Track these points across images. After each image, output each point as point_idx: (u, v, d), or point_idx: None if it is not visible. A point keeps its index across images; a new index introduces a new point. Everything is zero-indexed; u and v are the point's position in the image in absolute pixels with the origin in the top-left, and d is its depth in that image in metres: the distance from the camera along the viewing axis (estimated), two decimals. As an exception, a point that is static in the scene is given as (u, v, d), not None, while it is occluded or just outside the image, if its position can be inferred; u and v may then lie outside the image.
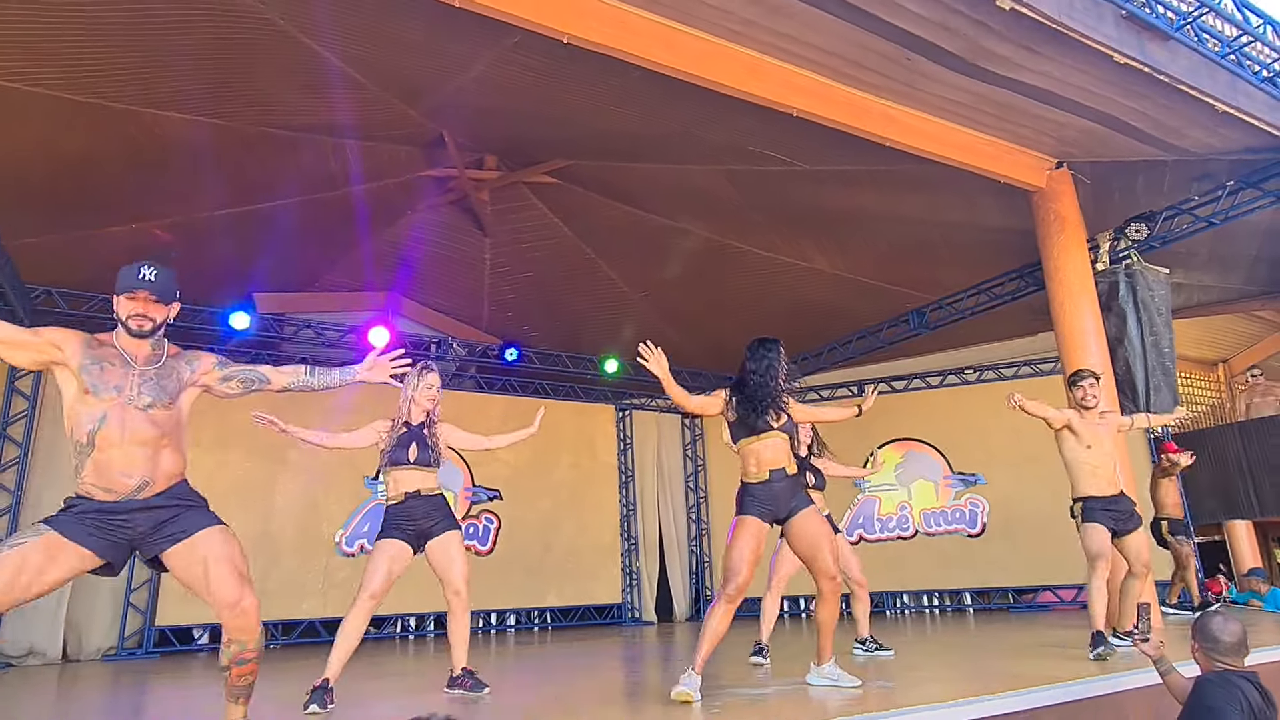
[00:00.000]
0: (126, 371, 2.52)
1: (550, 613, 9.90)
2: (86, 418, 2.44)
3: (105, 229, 7.21)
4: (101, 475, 2.44)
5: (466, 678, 3.85)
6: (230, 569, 2.52)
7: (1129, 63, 4.47)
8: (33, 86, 5.41)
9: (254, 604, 2.54)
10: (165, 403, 2.56)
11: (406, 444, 3.88)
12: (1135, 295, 6.36)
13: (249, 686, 2.64)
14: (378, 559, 3.74)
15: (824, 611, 3.54)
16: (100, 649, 7.40)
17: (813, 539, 3.48)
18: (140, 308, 2.57)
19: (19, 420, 7.32)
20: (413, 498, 3.83)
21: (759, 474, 3.51)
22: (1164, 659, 2.85)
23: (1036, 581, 9.42)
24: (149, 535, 2.49)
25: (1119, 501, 4.61)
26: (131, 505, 2.46)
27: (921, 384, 10.44)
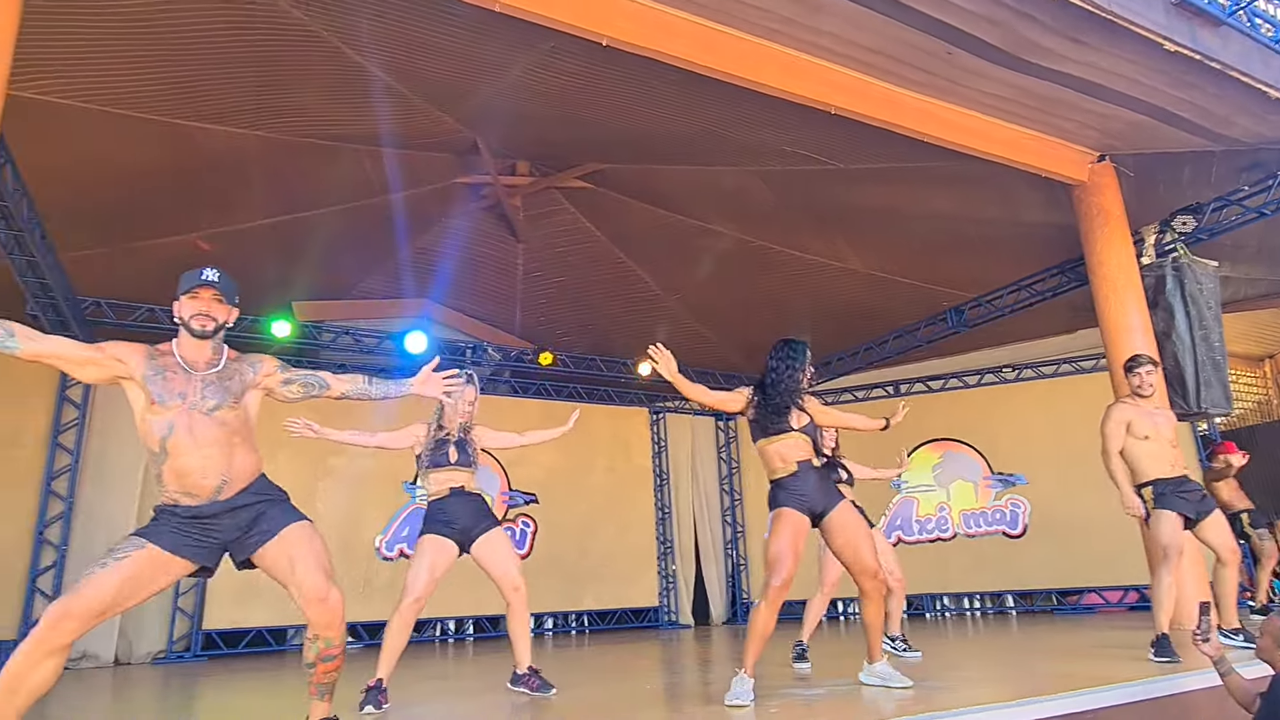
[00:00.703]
0: (189, 378, 2.56)
1: (587, 616, 9.91)
2: (156, 427, 2.49)
3: (151, 240, 7.37)
4: (180, 480, 2.49)
5: (532, 676, 3.81)
6: (316, 564, 2.54)
7: (1179, 50, 4.38)
8: (85, 103, 5.54)
9: (339, 599, 2.56)
10: (230, 404, 2.59)
11: (445, 446, 3.92)
12: (1183, 289, 6.22)
13: (333, 684, 2.66)
14: (420, 559, 3.75)
15: (869, 610, 3.48)
16: (150, 652, 7.54)
17: (851, 535, 3.44)
18: (204, 306, 2.60)
19: (70, 429, 7.49)
20: (457, 493, 3.86)
21: (786, 468, 3.47)
22: (1224, 659, 2.78)
23: (1081, 583, 9.23)
24: (238, 538, 2.54)
25: (1187, 483, 4.29)
26: (215, 508, 2.50)
27: (959, 383, 10.30)
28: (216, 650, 7.75)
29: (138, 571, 2.37)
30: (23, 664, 2.21)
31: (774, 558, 3.29)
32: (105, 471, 7.49)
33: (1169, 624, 4.10)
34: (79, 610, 2.25)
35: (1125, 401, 4.45)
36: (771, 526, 3.41)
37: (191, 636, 7.67)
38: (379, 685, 3.59)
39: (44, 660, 2.23)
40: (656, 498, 10.69)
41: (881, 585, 3.47)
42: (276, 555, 2.53)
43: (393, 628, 3.68)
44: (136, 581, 2.37)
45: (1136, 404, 4.39)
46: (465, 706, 3.89)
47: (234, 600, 7.76)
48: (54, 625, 2.22)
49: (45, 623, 2.23)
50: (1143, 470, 4.35)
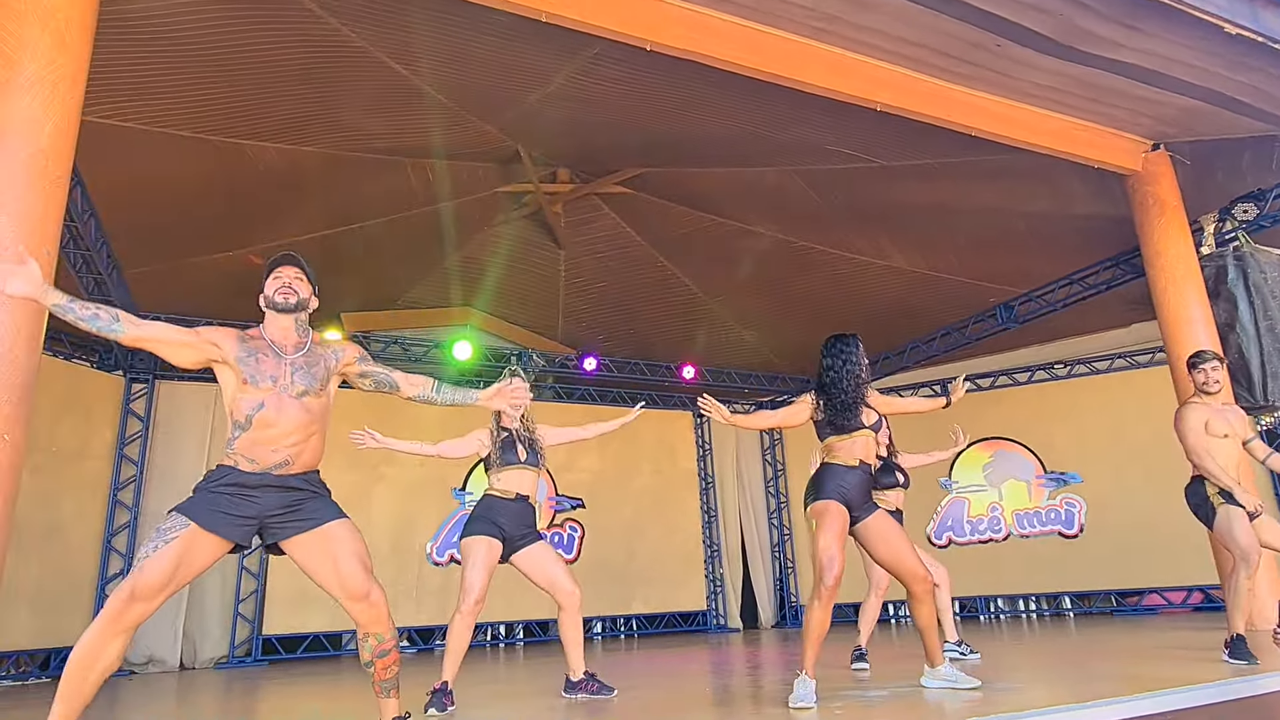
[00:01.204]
0: (279, 361, 2.65)
1: (636, 620, 9.92)
2: (246, 404, 2.58)
3: (206, 256, 7.59)
4: (252, 449, 2.56)
5: (590, 681, 3.81)
6: (359, 563, 2.58)
7: (1241, 32, 4.26)
8: (145, 125, 5.74)
9: (381, 596, 2.61)
10: (317, 389, 2.68)
11: (513, 445, 3.95)
12: (1246, 278, 6.03)
13: (395, 678, 2.68)
14: (475, 560, 3.72)
15: (921, 613, 3.43)
16: (212, 658, 7.74)
17: (893, 541, 3.42)
18: (286, 279, 2.72)
19: (134, 441, 7.73)
20: (522, 499, 3.89)
21: (849, 460, 3.44)
22: None
23: (1141, 584, 8.98)
24: (276, 517, 2.58)
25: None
26: (267, 480, 2.56)
27: (1009, 381, 10.11)
28: (276, 655, 7.93)
29: (187, 549, 2.44)
30: (96, 643, 2.32)
31: (824, 556, 3.25)
32: (169, 481, 7.72)
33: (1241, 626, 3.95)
34: (144, 591, 2.35)
35: (1195, 401, 4.29)
36: (818, 522, 3.36)
37: (252, 641, 7.86)
38: (444, 688, 3.63)
39: (113, 640, 2.34)
40: (702, 501, 10.67)
41: (929, 586, 3.43)
42: (314, 548, 2.58)
43: (456, 630, 3.70)
44: (188, 559, 2.44)
45: (1205, 402, 4.24)
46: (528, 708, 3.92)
47: (291, 606, 7.93)
48: (125, 608, 2.33)
49: (115, 605, 2.33)
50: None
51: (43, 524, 6.86)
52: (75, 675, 2.32)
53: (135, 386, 7.87)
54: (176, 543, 2.42)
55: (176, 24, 4.92)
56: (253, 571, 7.99)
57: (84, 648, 2.32)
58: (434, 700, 3.56)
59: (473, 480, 9.23)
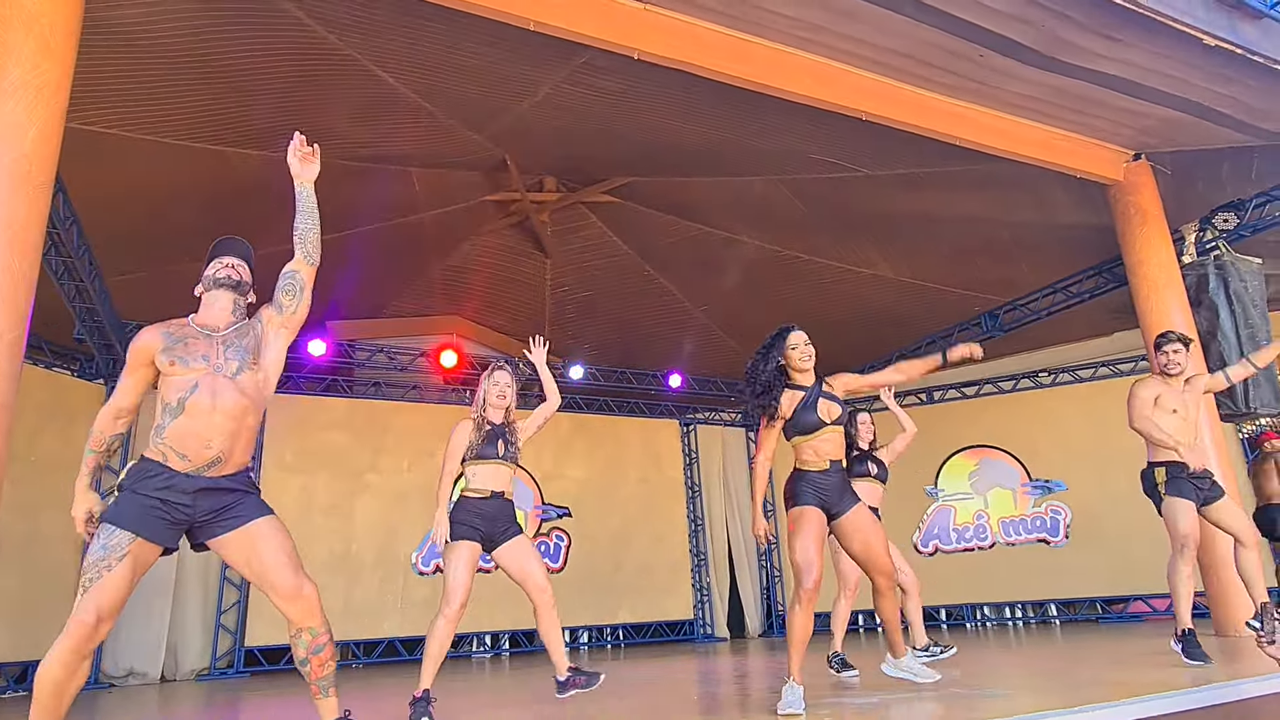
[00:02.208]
0: (210, 341, 2.60)
1: (623, 629, 9.88)
2: (178, 386, 2.52)
3: (189, 264, 7.50)
4: (182, 440, 2.48)
5: (576, 675, 3.70)
6: (286, 558, 2.54)
7: (1219, 44, 4.33)
8: (129, 132, 5.70)
9: (313, 590, 2.55)
10: (250, 363, 2.61)
11: (494, 440, 3.91)
12: (1227, 287, 6.11)
13: (332, 674, 2.61)
14: (457, 563, 3.65)
15: (886, 607, 3.50)
16: (194, 670, 7.64)
17: (867, 535, 3.44)
18: (230, 262, 2.76)
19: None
20: (497, 497, 3.85)
21: (818, 463, 3.44)
22: None
23: (1127, 591, 9.04)
24: (207, 520, 2.52)
25: (1203, 474, 4.23)
26: (200, 483, 2.49)
27: (994, 389, 10.17)
28: (259, 667, 7.83)
29: (137, 562, 2.40)
30: (67, 668, 2.29)
31: (802, 560, 3.27)
32: (149, 491, 7.61)
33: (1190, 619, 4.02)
34: (109, 611, 2.33)
35: (1154, 377, 4.37)
36: (794, 526, 3.38)
37: (235, 653, 7.76)
38: (426, 696, 3.56)
39: (81, 664, 2.31)
40: (689, 509, 10.66)
41: (894, 582, 3.48)
42: (241, 546, 2.53)
43: (437, 634, 3.60)
44: (139, 570, 2.41)
45: (1166, 382, 4.30)
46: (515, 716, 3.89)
47: (274, 617, 7.74)
48: (92, 632, 2.30)
49: (82, 631, 2.29)
50: (1162, 452, 4.24)
51: (22, 535, 6.74)
52: (49, 700, 2.28)
53: (102, 391, 7.77)
54: (129, 559, 2.38)
55: (161, 30, 4.89)
56: (235, 582, 7.90)
57: (53, 674, 2.28)
58: (417, 710, 3.51)
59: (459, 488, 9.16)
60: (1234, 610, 5.31)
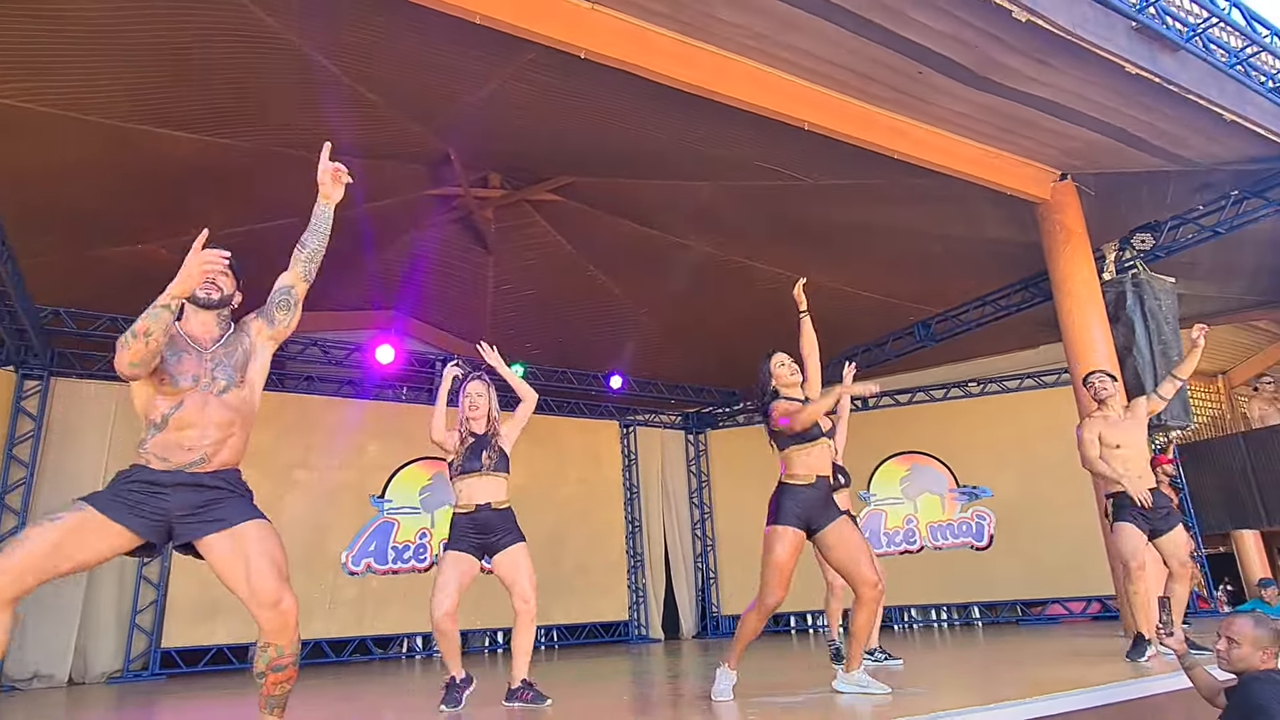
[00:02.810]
0: (199, 359, 2.53)
1: (557, 630, 9.82)
2: (164, 404, 2.46)
3: (112, 249, 7.21)
4: (165, 448, 2.44)
5: (526, 689, 3.82)
6: (272, 566, 2.43)
7: (1140, 73, 4.55)
8: (48, 107, 5.42)
9: (293, 605, 2.44)
10: (238, 381, 2.57)
11: (478, 452, 3.91)
12: (1143, 304, 6.41)
13: (285, 696, 2.53)
14: (448, 574, 3.78)
15: (862, 617, 3.52)
16: (105, 672, 7.30)
17: (850, 548, 3.49)
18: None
19: (25, 441, 7.26)
20: (484, 509, 3.85)
21: (806, 477, 3.51)
22: (1187, 654, 2.86)
23: (1045, 594, 9.40)
24: (187, 516, 2.43)
25: (1154, 497, 4.45)
26: (179, 478, 2.43)
27: (926, 397, 10.47)
28: (176, 669, 7.54)
29: (73, 533, 2.28)
30: None
31: (771, 579, 3.37)
32: (61, 484, 7.26)
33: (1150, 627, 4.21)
34: (10, 566, 2.19)
35: (1094, 416, 4.59)
36: (771, 545, 3.43)
37: (150, 655, 7.45)
38: (453, 681, 3.77)
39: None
40: (627, 511, 10.67)
41: (879, 593, 3.51)
42: (227, 549, 2.43)
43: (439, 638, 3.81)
44: (74, 543, 2.28)
45: (1103, 414, 4.53)
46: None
47: (194, 617, 7.56)
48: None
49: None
50: (1111, 483, 4.52)
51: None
52: None
53: (28, 383, 7.39)
54: (61, 524, 2.27)
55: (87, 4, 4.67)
56: (152, 581, 7.59)
57: None
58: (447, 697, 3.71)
59: (392, 487, 9.01)
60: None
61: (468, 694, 3.86)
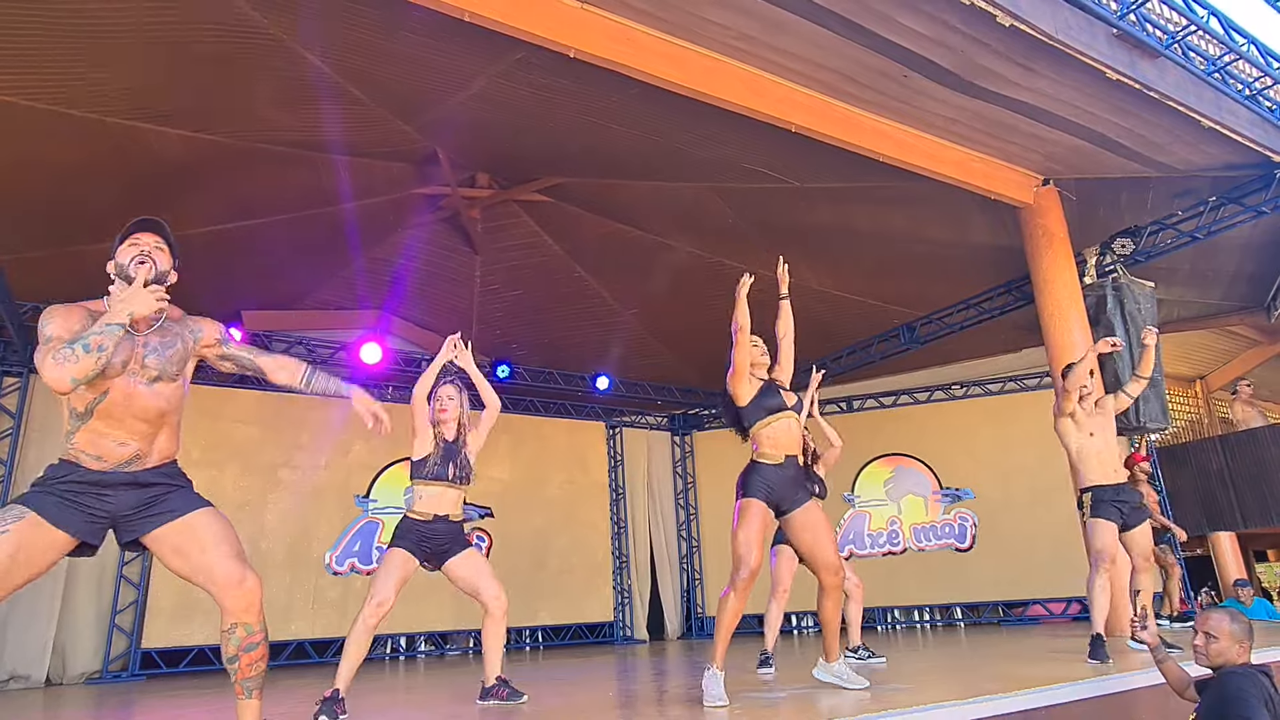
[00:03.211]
0: (130, 344, 2.38)
1: (542, 631, 9.81)
2: (89, 392, 2.31)
3: (95, 245, 7.14)
4: (94, 444, 2.34)
5: (501, 687, 3.78)
6: (228, 548, 2.40)
7: (1120, 79, 4.62)
8: (31, 101, 5.38)
9: (256, 583, 2.41)
10: (172, 374, 2.45)
11: (447, 461, 3.86)
12: (1123, 308, 6.50)
13: (261, 676, 2.48)
14: (389, 568, 3.66)
15: (828, 605, 3.52)
16: (84, 673, 7.22)
17: (816, 530, 3.49)
18: (145, 247, 2.47)
19: (4, 438, 7.18)
20: (440, 520, 3.80)
21: (775, 456, 3.52)
22: (1160, 647, 2.91)
23: (1026, 595, 9.49)
24: (132, 515, 2.36)
25: (1124, 491, 4.58)
26: (119, 478, 2.35)
27: (910, 400, 10.55)
28: (155, 670, 7.46)
29: (23, 544, 2.18)
30: None
31: (742, 549, 3.31)
32: (40, 483, 7.19)
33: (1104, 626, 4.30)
34: None
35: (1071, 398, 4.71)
36: (738, 517, 3.43)
37: (129, 655, 7.38)
38: (335, 695, 3.46)
39: None
40: (612, 512, 10.68)
41: (841, 581, 3.52)
42: (178, 541, 2.38)
43: (355, 635, 3.54)
44: (25, 556, 2.18)
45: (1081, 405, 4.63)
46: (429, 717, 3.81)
47: (173, 618, 7.50)
48: None
49: None
50: (1087, 474, 4.61)
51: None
52: None
53: (7, 380, 7.32)
54: (12, 534, 2.16)
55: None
56: (132, 581, 7.52)
57: None
58: (324, 709, 3.40)
59: (377, 487, 8.97)
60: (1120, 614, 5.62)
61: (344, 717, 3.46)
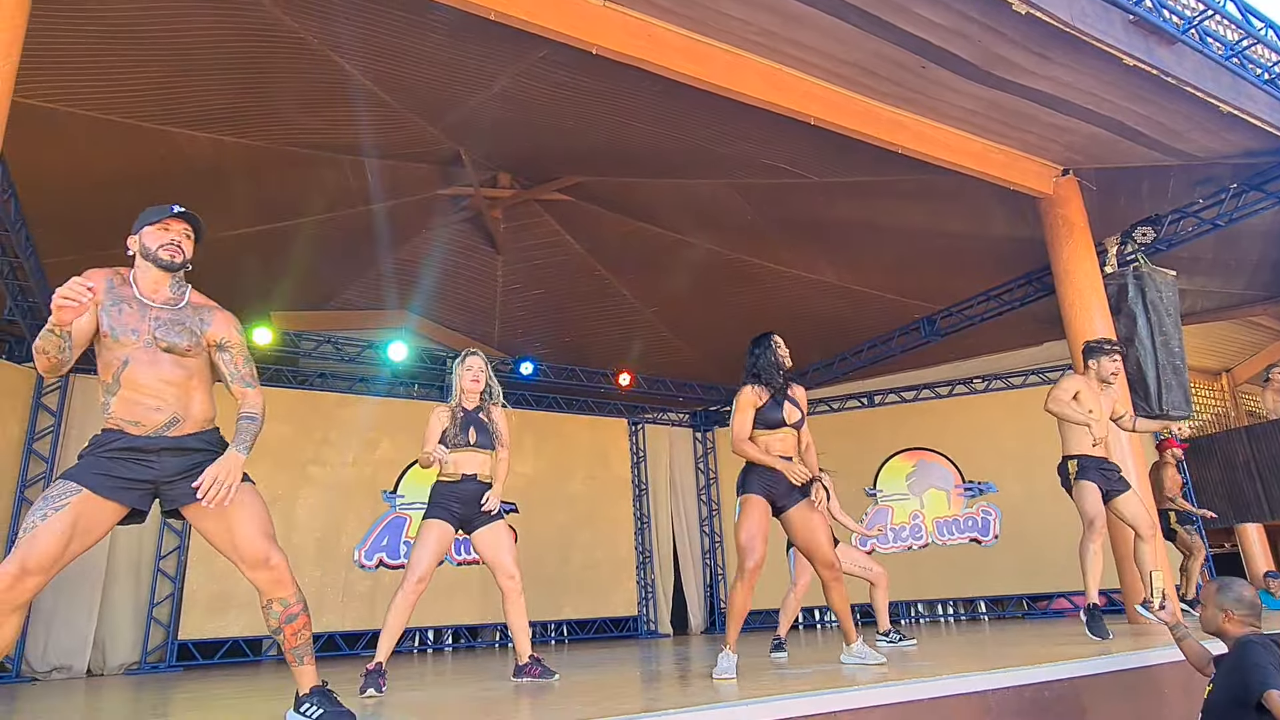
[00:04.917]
0: (142, 314, 2.45)
1: (567, 625, 9.92)
2: (111, 359, 2.41)
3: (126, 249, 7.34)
4: (130, 409, 2.41)
5: (534, 664, 3.93)
6: (258, 527, 2.48)
7: (1137, 65, 4.64)
8: (71, 108, 5.57)
9: (282, 560, 2.50)
10: (183, 348, 2.49)
11: (465, 428, 4.01)
12: (1144, 297, 6.50)
13: (308, 643, 2.59)
14: (425, 540, 3.83)
15: (834, 598, 3.70)
16: (123, 664, 7.42)
17: (810, 530, 3.65)
18: (176, 236, 2.54)
19: (45, 436, 7.40)
20: (469, 480, 3.95)
21: (769, 460, 3.66)
22: (1179, 624, 2.95)
23: (1050, 588, 9.46)
24: (176, 480, 2.43)
25: (1106, 463, 4.69)
26: (162, 443, 2.41)
27: (931, 394, 10.55)
28: (192, 661, 7.65)
29: (79, 518, 2.28)
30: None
31: (745, 542, 3.52)
32: (80, 480, 7.40)
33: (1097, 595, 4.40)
34: (38, 564, 2.20)
35: (1078, 375, 4.75)
36: (740, 512, 3.63)
37: (167, 647, 7.57)
38: (379, 668, 3.63)
39: (6, 620, 2.19)
40: (635, 508, 10.76)
41: (838, 572, 3.68)
42: (211, 513, 2.44)
43: (396, 608, 3.72)
44: (83, 527, 2.29)
45: (1088, 382, 4.67)
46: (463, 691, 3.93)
47: (209, 610, 7.68)
48: (14, 585, 2.17)
49: (4, 583, 2.16)
50: (1072, 444, 4.71)
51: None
52: None
53: (48, 380, 7.53)
54: (68, 509, 2.26)
55: (110, 3, 4.81)
56: (169, 574, 7.71)
57: None
58: (368, 681, 3.55)
59: (404, 483, 9.12)
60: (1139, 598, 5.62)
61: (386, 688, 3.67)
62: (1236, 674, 2.56)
